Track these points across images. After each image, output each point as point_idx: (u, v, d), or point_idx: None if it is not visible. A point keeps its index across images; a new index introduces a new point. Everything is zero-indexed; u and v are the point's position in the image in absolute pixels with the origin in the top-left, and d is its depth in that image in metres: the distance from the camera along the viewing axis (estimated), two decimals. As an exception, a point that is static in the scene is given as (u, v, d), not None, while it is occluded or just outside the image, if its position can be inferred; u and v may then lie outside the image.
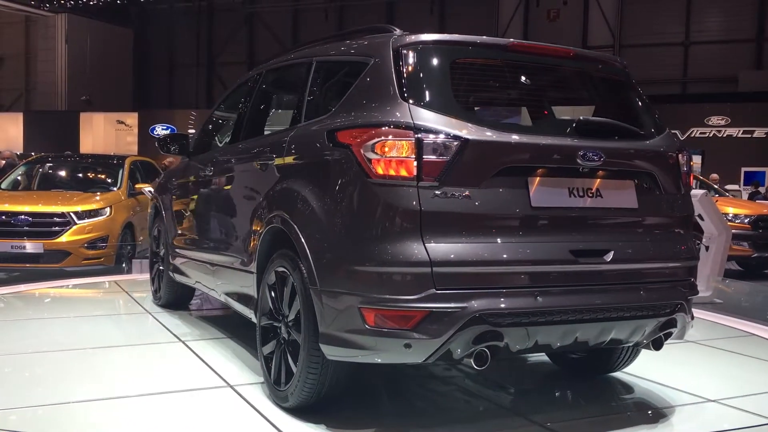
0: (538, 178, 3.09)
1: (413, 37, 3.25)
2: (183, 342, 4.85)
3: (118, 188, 9.36)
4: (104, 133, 27.86)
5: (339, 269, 3.02)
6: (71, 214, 8.27)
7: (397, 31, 3.35)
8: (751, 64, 24.80)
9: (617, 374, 4.20)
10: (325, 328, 3.07)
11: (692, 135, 21.85)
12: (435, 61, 3.19)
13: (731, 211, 10.56)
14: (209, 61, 33.15)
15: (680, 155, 3.51)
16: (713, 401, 3.80)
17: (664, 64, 25.77)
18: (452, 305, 2.85)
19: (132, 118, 27.91)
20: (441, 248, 2.87)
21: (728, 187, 15.68)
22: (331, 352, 3.07)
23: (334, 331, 3.02)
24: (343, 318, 2.98)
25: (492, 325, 2.87)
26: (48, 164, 10.32)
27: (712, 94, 23.74)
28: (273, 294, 3.59)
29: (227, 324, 5.36)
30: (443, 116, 2.99)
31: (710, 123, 21.68)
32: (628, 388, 4.05)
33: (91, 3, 30.57)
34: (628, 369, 4.19)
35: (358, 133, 3.02)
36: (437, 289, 2.85)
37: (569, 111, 3.65)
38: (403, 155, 2.90)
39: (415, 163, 2.88)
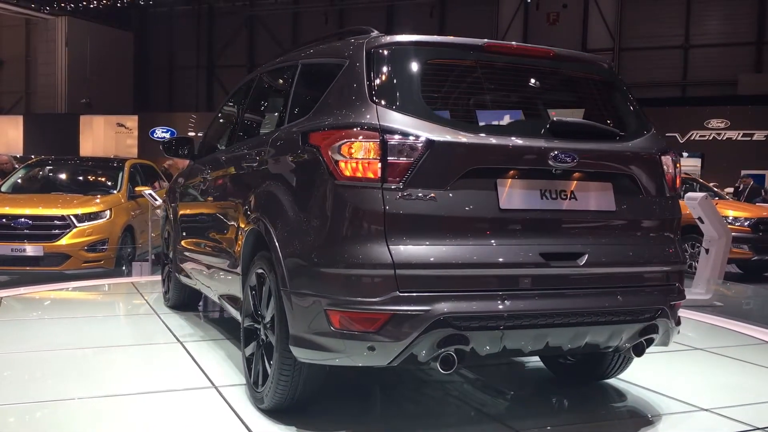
0: (508, 180, 3.05)
1: (387, 39, 3.25)
2: (181, 343, 4.89)
3: (118, 191, 9.36)
4: (104, 135, 27.87)
5: (307, 271, 3.01)
6: (71, 216, 8.27)
7: (374, 33, 3.34)
8: (750, 67, 24.82)
9: (612, 381, 4.14)
10: (295, 330, 3.07)
11: (692, 138, 21.86)
12: (407, 63, 3.18)
13: (731, 213, 10.57)
14: (209, 63, 33.18)
15: (663, 157, 3.42)
16: (706, 410, 3.71)
17: (663, 67, 25.81)
18: (416, 308, 2.82)
19: (132, 121, 27.92)
20: (405, 250, 2.85)
21: (727, 190, 15.69)
22: (301, 355, 3.07)
23: (302, 333, 3.03)
24: (311, 320, 2.98)
25: (457, 328, 2.84)
26: (48, 167, 10.32)
27: (711, 97, 23.75)
28: (253, 295, 3.61)
29: (229, 325, 5.38)
30: (411, 118, 2.98)
31: (710, 126, 21.68)
32: (619, 395, 3.99)
33: (92, 6, 30.60)
34: (624, 376, 4.13)
35: (326, 135, 3.03)
36: (401, 292, 2.83)
37: (550, 112, 3.54)
38: (369, 157, 2.90)
39: (379, 165, 2.88)
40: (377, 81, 3.11)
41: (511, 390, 4.20)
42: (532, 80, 3.56)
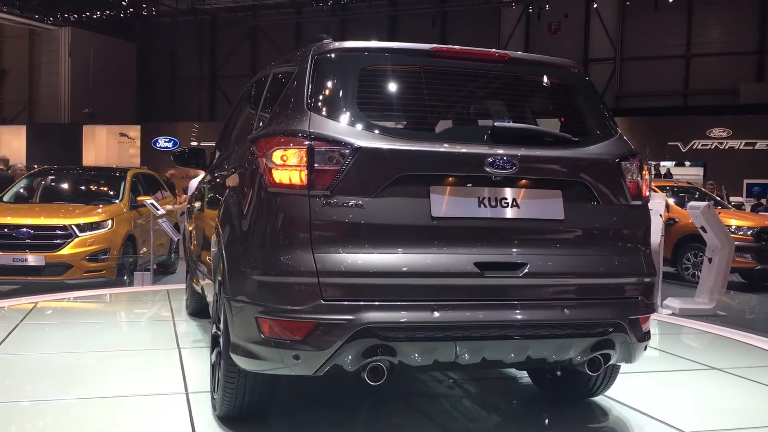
0: (441, 187, 2.97)
1: (333, 46, 3.24)
2: (179, 349, 5.01)
3: (120, 201, 9.36)
4: (107, 145, 27.90)
5: (242, 278, 3.01)
6: (73, 226, 8.27)
7: (325, 40, 3.33)
8: (752, 76, 24.83)
9: (600, 399, 3.99)
10: (234, 337, 3.07)
11: (694, 147, 21.84)
12: (348, 69, 3.16)
13: (734, 223, 10.54)
14: (212, 73, 33.27)
15: (624, 163, 3.24)
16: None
17: (665, 76, 25.82)
18: (339, 317, 2.78)
19: (135, 131, 27.96)
20: (330, 259, 2.82)
21: (732, 199, 15.66)
22: (240, 362, 3.06)
23: (239, 341, 3.02)
24: (246, 327, 2.97)
25: (381, 338, 2.79)
26: (51, 177, 10.33)
27: (713, 106, 23.74)
28: (216, 302, 3.64)
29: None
30: (342, 124, 2.97)
31: (712, 135, 21.67)
32: (601, 415, 3.85)
33: (95, 17, 30.69)
34: (616, 395, 4.00)
35: (262, 143, 3.04)
36: (324, 300, 2.80)
37: (504, 118, 3.39)
38: (296, 164, 2.89)
39: (306, 172, 2.87)
40: (316, 88, 3.11)
41: (492, 405, 4.09)
42: (483, 86, 3.43)
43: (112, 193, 9.71)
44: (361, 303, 2.81)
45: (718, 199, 12.76)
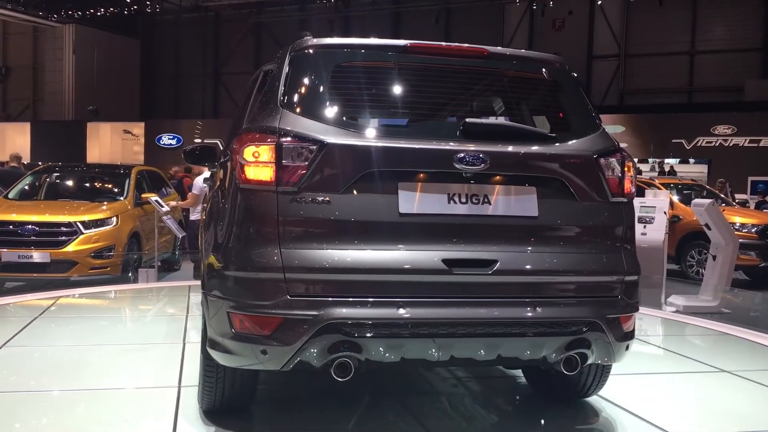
0: (409, 184, 2.95)
1: (309, 43, 3.25)
2: (184, 344, 5.08)
3: (125, 198, 9.38)
4: (111, 142, 27.95)
5: (215, 273, 3.05)
6: (78, 223, 8.29)
7: (306, 38, 3.33)
8: (757, 73, 24.74)
9: (599, 402, 3.94)
10: (210, 332, 3.10)
11: (698, 144, 21.79)
12: (322, 66, 3.18)
13: (738, 220, 10.52)
14: (216, 71, 33.27)
15: (603, 159, 3.18)
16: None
17: (669, 73, 25.76)
18: (305, 313, 2.81)
19: (139, 128, 28.00)
20: (296, 255, 2.84)
21: (737, 196, 15.62)
22: (216, 357, 3.09)
23: (215, 336, 3.05)
24: (220, 322, 3.00)
25: (346, 334, 2.79)
26: (55, 174, 10.35)
27: (718, 103, 23.67)
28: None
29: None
30: (312, 121, 2.98)
31: (716, 132, 21.62)
32: (590, 416, 3.79)
33: (99, 14, 30.71)
34: (616, 398, 3.95)
35: (237, 140, 3.07)
36: (290, 296, 2.82)
37: (481, 113, 3.37)
38: (265, 160, 2.91)
39: (274, 169, 2.89)
40: (290, 85, 3.14)
41: (484, 405, 4.05)
42: (461, 81, 3.39)
43: (116, 190, 9.73)
44: (327, 299, 2.82)
45: (723, 196, 12.73)
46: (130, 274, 8.79)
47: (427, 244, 2.92)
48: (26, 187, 9.79)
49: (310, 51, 3.22)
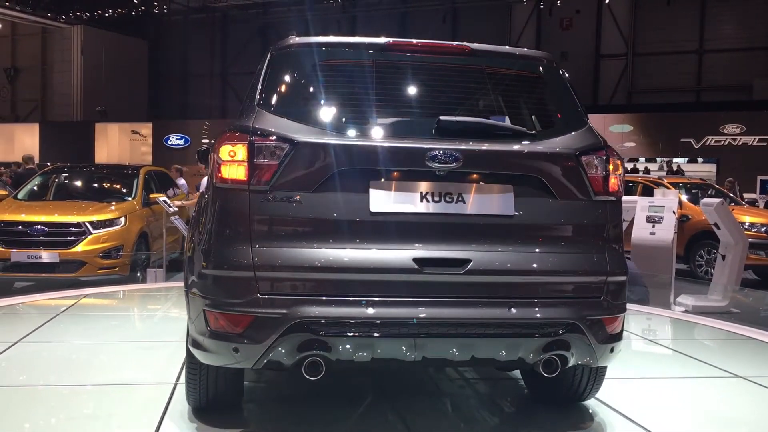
0: (381, 182, 2.93)
1: (290, 42, 3.27)
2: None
3: (133, 198, 9.41)
4: (119, 143, 28.04)
5: (194, 271, 3.07)
6: (86, 223, 8.31)
7: (288, 38, 3.33)
8: (766, 71, 24.60)
9: (591, 403, 3.82)
10: (191, 329, 3.12)
11: (707, 143, 21.71)
12: (299, 66, 3.20)
13: (747, 219, 10.47)
14: (223, 71, 33.35)
15: (584, 157, 3.09)
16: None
17: (678, 72, 25.67)
18: (274, 311, 2.81)
19: (146, 129, 28.08)
20: (267, 253, 2.85)
21: (746, 196, 15.55)
22: (197, 355, 3.10)
23: (195, 333, 3.07)
24: (198, 320, 3.02)
25: (315, 333, 2.79)
26: (64, 174, 10.40)
27: (726, 102, 23.58)
28: None
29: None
30: (286, 120, 2.98)
31: (725, 131, 21.53)
32: (582, 419, 3.68)
33: (107, 15, 30.84)
34: (616, 403, 3.85)
35: (217, 140, 3.08)
36: (261, 294, 2.83)
37: (461, 111, 3.26)
38: (238, 159, 2.93)
39: (246, 167, 2.91)
40: (268, 85, 3.16)
41: (484, 406, 3.99)
42: (443, 79, 3.34)
43: (125, 190, 9.76)
44: (297, 298, 2.83)
45: (732, 195, 12.67)
46: (138, 274, 8.81)
47: (398, 243, 2.90)
48: (35, 188, 9.83)
49: (290, 51, 3.25)
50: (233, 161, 2.93)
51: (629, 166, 21.16)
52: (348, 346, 2.84)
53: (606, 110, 24.71)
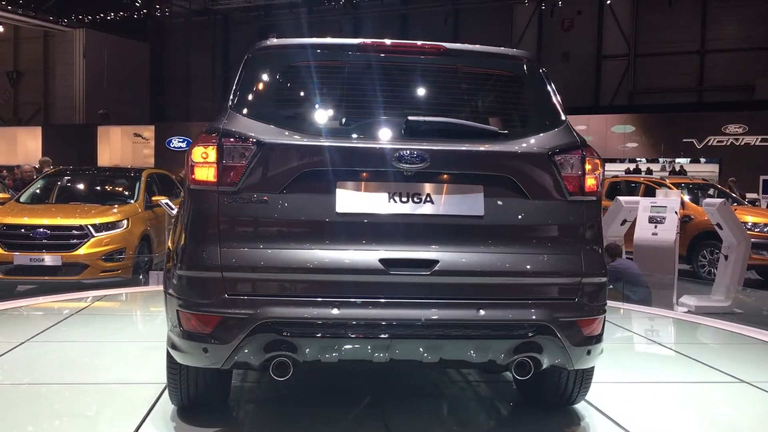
0: (348, 183, 2.93)
1: (265, 44, 3.30)
2: None
3: (135, 201, 9.41)
4: (121, 146, 28.11)
5: (169, 272, 3.11)
6: (89, 226, 8.31)
7: (266, 40, 3.36)
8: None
9: (580, 407, 3.74)
10: (168, 330, 3.14)
11: (709, 144, 21.70)
12: (273, 67, 3.24)
13: (750, 219, 10.46)
14: (225, 73, 33.40)
15: (558, 157, 3.04)
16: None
17: (679, 72, 25.68)
18: (241, 311, 2.82)
19: (149, 131, 28.15)
20: (234, 254, 2.87)
21: (748, 196, 15.53)
22: (173, 355, 3.12)
23: (170, 333, 3.10)
24: (173, 320, 3.04)
25: (280, 333, 2.80)
26: (66, 177, 10.41)
27: (728, 102, 23.58)
28: None
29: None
30: (255, 121, 3.01)
31: (727, 131, 21.52)
32: (568, 423, 3.60)
33: (108, 18, 30.92)
34: (613, 411, 3.73)
35: (193, 141, 3.11)
36: (228, 295, 2.84)
37: (434, 111, 3.22)
38: (209, 161, 2.95)
39: (215, 169, 2.93)
40: (241, 86, 3.20)
41: (474, 408, 3.92)
42: (416, 80, 3.31)
43: (127, 193, 9.76)
44: (263, 298, 2.84)
45: (735, 195, 12.66)
46: (140, 277, 8.82)
47: (365, 243, 2.89)
48: (38, 191, 9.85)
49: (263, 53, 3.29)
50: (204, 163, 2.95)
51: (631, 166, 21.16)
52: (314, 347, 2.85)
53: (608, 111, 24.73)
